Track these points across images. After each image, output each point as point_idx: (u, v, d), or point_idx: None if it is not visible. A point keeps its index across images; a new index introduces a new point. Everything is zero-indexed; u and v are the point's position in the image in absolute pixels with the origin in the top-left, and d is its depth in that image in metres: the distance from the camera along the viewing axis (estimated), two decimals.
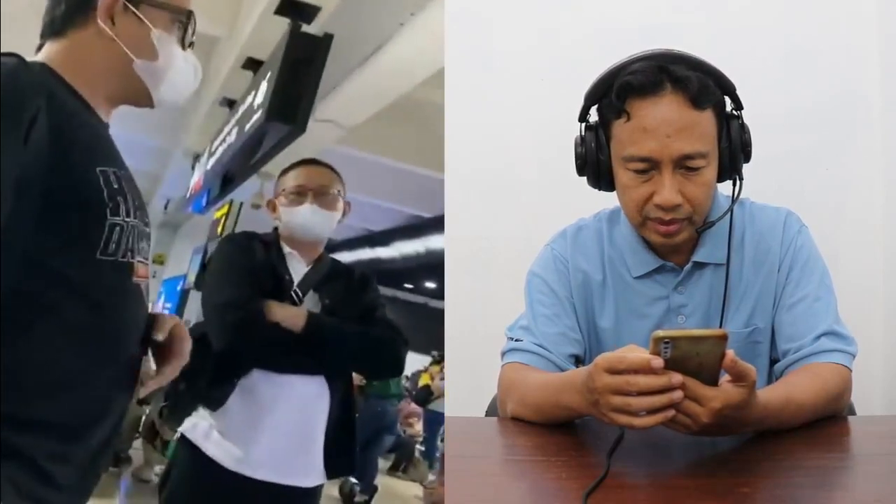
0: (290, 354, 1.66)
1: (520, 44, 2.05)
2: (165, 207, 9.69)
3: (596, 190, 1.35)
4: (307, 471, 1.71)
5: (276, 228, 1.80)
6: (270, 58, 4.19)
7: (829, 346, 1.25)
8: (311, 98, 3.91)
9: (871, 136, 1.96)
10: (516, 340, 1.37)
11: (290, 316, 1.65)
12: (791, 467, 1.03)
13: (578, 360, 1.37)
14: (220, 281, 1.70)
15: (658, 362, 0.95)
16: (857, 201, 1.98)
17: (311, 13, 3.87)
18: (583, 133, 1.31)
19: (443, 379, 6.76)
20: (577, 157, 1.32)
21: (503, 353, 1.39)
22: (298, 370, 1.68)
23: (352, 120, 4.89)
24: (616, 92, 1.23)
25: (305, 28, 3.90)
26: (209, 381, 1.66)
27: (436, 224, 8.64)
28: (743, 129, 1.27)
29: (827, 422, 1.19)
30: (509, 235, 2.03)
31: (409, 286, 12.90)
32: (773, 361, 1.34)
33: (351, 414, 1.81)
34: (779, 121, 1.89)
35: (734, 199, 1.29)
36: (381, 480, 5.68)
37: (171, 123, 7.32)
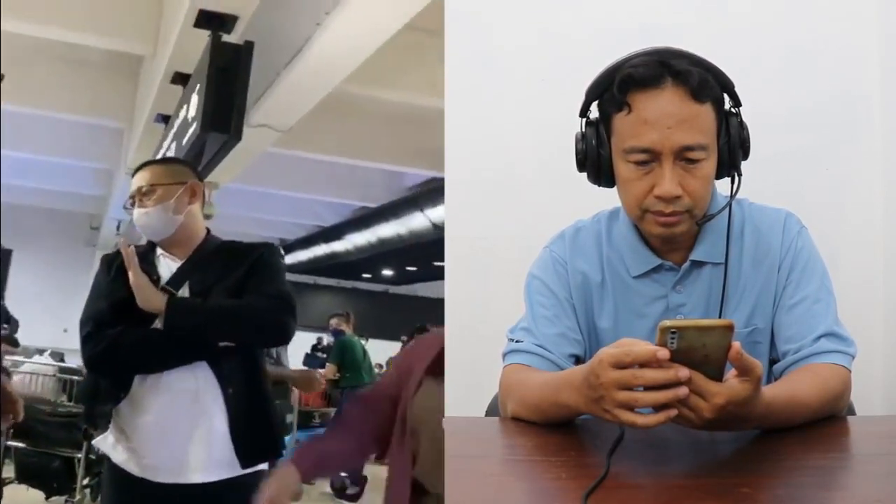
0: (160, 352, 1.69)
1: (520, 44, 2.05)
2: (118, 229, 9.78)
3: (596, 188, 1.35)
4: (208, 466, 1.71)
5: None
6: (197, 70, 4.29)
7: (829, 347, 1.26)
8: (242, 105, 4.04)
9: (871, 136, 1.96)
10: (517, 341, 1.38)
11: (146, 300, 1.67)
12: (791, 467, 1.03)
13: (579, 361, 1.37)
14: (85, 304, 1.77)
15: (664, 353, 0.95)
16: (857, 201, 1.97)
17: (229, 23, 4.02)
18: (583, 129, 1.32)
19: None
20: (578, 152, 1.32)
21: (504, 355, 1.39)
22: (175, 363, 1.70)
23: (285, 122, 5.02)
24: (617, 85, 1.24)
25: (226, 38, 4.02)
26: (94, 401, 1.77)
27: (383, 213, 8.78)
28: (741, 125, 1.28)
29: (827, 422, 1.19)
30: (509, 235, 2.03)
31: (367, 276, 13.03)
32: (773, 362, 1.35)
33: (259, 397, 1.80)
34: (779, 120, 1.89)
35: (733, 195, 1.30)
36: (370, 470, 5.73)
37: (110, 145, 7.40)
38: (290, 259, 12.51)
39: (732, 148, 1.27)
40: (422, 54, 4.76)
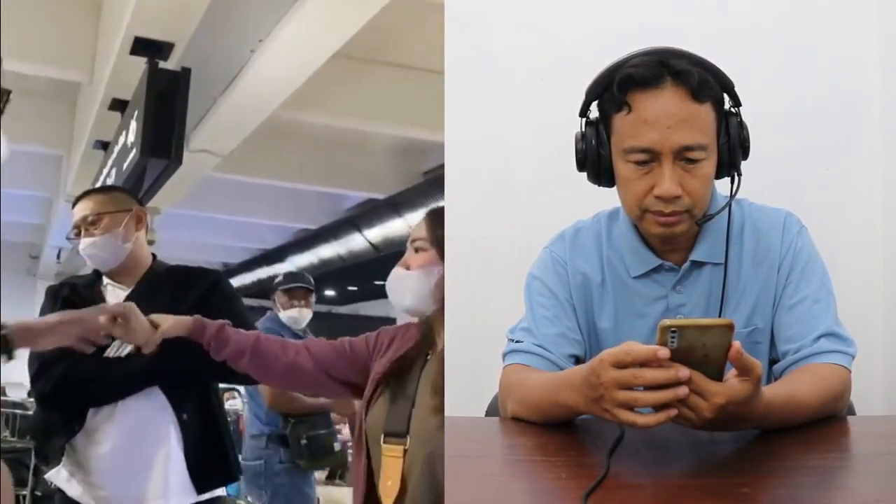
0: (113, 381, 1.66)
1: (520, 44, 2.05)
2: (58, 257, 9.76)
3: (596, 188, 1.36)
4: (165, 493, 1.68)
5: None
6: (134, 96, 4.34)
7: (829, 347, 1.26)
8: (182, 130, 4.08)
9: (871, 136, 1.96)
10: (517, 342, 1.38)
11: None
12: (791, 467, 1.03)
13: (578, 361, 1.37)
14: None
15: (664, 353, 0.95)
16: (857, 201, 1.97)
17: (165, 50, 4.05)
18: (583, 128, 1.32)
19: None
20: (578, 151, 1.32)
21: (504, 355, 1.39)
22: (128, 391, 1.68)
23: (224, 147, 5.13)
24: (617, 84, 1.24)
25: (163, 65, 4.07)
26: (45, 436, 1.73)
27: (323, 234, 8.95)
28: (741, 125, 1.28)
29: (827, 422, 1.19)
30: (509, 235, 2.03)
31: None
32: (773, 362, 1.35)
33: (212, 421, 1.77)
34: (779, 121, 1.89)
35: (732, 195, 1.30)
36: (321, 491, 5.77)
37: (49, 172, 7.41)
38: (234, 282, 12.50)
39: (732, 148, 1.28)
40: (354, 80, 4.90)
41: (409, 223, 6.86)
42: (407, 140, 6.04)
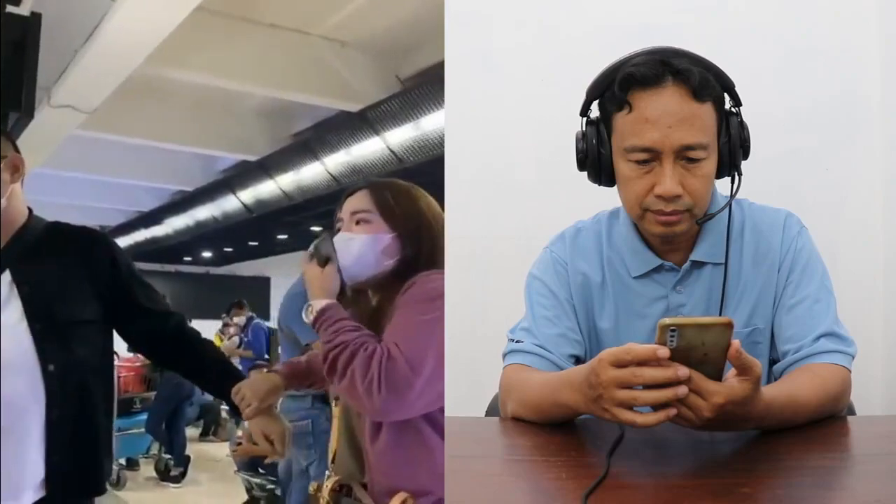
0: None
1: (520, 43, 2.05)
2: None
3: (596, 188, 1.35)
4: (14, 492, 1.41)
5: None
6: None
7: (829, 347, 1.26)
8: (32, 80, 3.79)
9: (871, 136, 1.96)
10: (517, 342, 1.38)
11: None
12: (791, 467, 1.03)
13: (579, 361, 1.37)
14: None
15: (664, 352, 0.95)
16: (857, 201, 1.98)
17: None
18: (584, 128, 1.32)
19: (230, 338, 6.82)
20: (579, 151, 1.32)
21: (504, 355, 1.39)
22: None
23: (89, 103, 4.88)
24: (618, 84, 1.24)
25: (12, 9, 3.79)
26: None
27: (199, 196, 8.96)
28: (742, 125, 1.28)
29: (827, 422, 1.19)
30: (509, 235, 2.03)
31: (188, 259, 13.66)
32: (773, 362, 1.35)
33: (83, 413, 1.49)
34: (779, 121, 1.89)
35: (733, 195, 1.30)
36: (194, 448, 5.83)
37: None
38: None
39: (733, 148, 1.28)
40: (221, 38, 4.76)
41: (279, 185, 6.87)
42: (276, 101, 5.93)
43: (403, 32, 4.99)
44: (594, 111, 1.32)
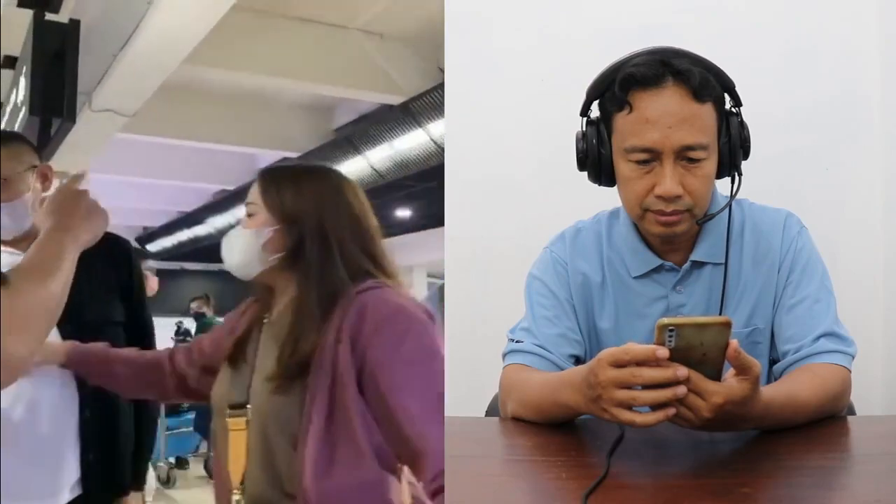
0: None
1: (520, 44, 2.05)
2: None
3: (596, 188, 1.36)
4: (53, 491, 1.44)
5: None
6: (23, 52, 4.09)
7: (829, 346, 1.26)
8: (73, 87, 3.83)
9: (871, 136, 1.96)
10: (517, 342, 1.38)
11: None
12: (791, 467, 1.03)
13: (579, 361, 1.37)
14: None
15: (663, 352, 0.96)
16: (857, 201, 1.97)
17: (55, 2, 3.80)
18: (584, 128, 1.32)
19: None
20: (579, 151, 1.32)
21: (504, 355, 1.39)
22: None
23: (129, 106, 4.89)
24: (619, 84, 1.24)
25: (52, 17, 3.83)
26: None
27: (241, 194, 8.98)
28: (742, 125, 1.28)
29: (827, 422, 1.19)
30: (509, 235, 2.03)
31: None
32: (773, 362, 1.35)
33: (108, 412, 1.53)
34: (779, 120, 1.89)
35: (733, 195, 1.30)
36: None
37: None
38: (154, 247, 12.61)
39: (733, 148, 1.28)
40: (256, 35, 4.75)
41: None
42: (316, 96, 5.89)
43: (443, 22, 5.07)
44: (594, 111, 1.32)
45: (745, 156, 1.30)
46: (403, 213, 7.96)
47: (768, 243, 1.35)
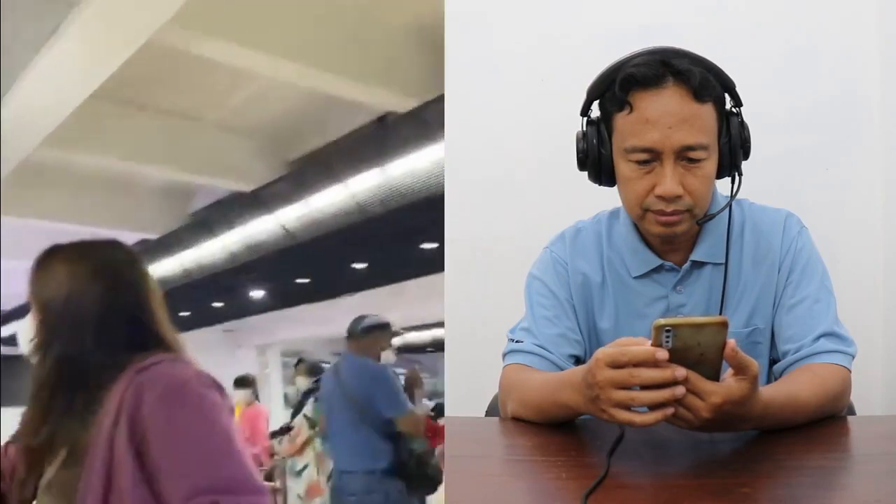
0: None
1: (520, 45, 2.05)
2: None
3: (596, 188, 1.35)
4: None
5: None
6: None
7: (829, 346, 1.26)
8: None
9: (871, 136, 1.96)
10: (517, 342, 1.38)
11: None
12: (791, 467, 1.03)
13: (579, 361, 1.37)
14: None
15: (663, 354, 0.95)
16: (857, 201, 1.98)
17: None
18: (584, 128, 1.32)
19: None
20: (579, 151, 1.32)
21: (504, 355, 1.39)
22: None
23: None
24: (619, 84, 1.24)
25: None
26: None
27: None
28: (742, 125, 1.28)
29: (827, 422, 1.19)
30: (509, 236, 2.03)
31: None
32: (773, 362, 1.35)
33: None
34: (779, 121, 1.89)
35: (733, 195, 1.30)
36: None
37: None
38: (8, 330, 12.29)
39: (733, 148, 1.27)
40: (116, 122, 4.98)
41: (181, 262, 7.12)
42: (172, 182, 6.20)
43: (289, 119, 5.36)
44: (595, 111, 1.32)
45: (746, 156, 1.30)
46: (256, 293, 8.16)
47: (768, 243, 1.35)
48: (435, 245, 6.68)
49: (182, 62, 4.00)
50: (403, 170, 5.03)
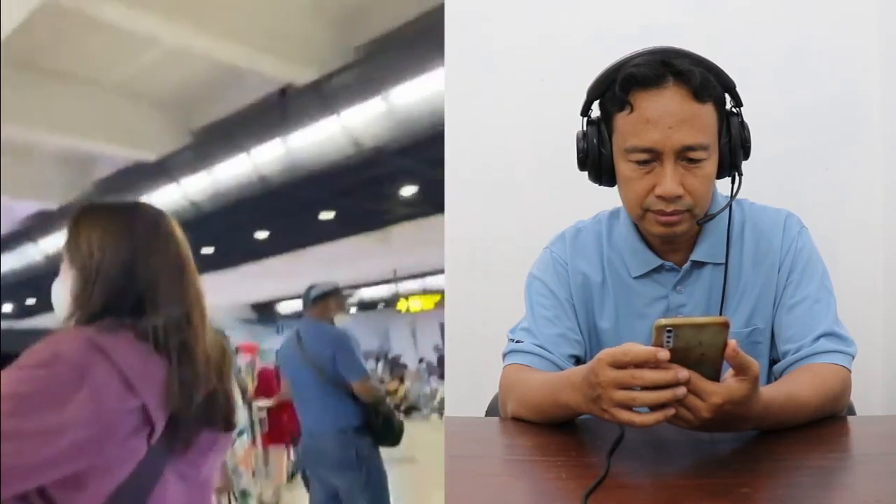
0: None
1: (520, 44, 2.05)
2: None
3: (596, 188, 1.35)
4: None
5: None
6: None
7: (829, 346, 1.26)
8: None
9: (871, 136, 1.96)
10: (517, 342, 1.38)
11: None
12: (791, 467, 1.03)
13: (579, 361, 1.37)
14: None
15: (664, 354, 0.96)
16: (857, 201, 1.98)
17: None
18: (585, 128, 1.32)
19: None
20: (579, 151, 1.32)
21: (504, 355, 1.39)
22: None
23: None
24: (619, 84, 1.24)
25: None
26: None
27: None
28: (742, 125, 1.28)
29: (827, 422, 1.19)
30: (509, 236, 2.03)
31: None
32: (773, 362, 1.35)
33: None
34: (779, 121, 1.89)
35: (733, 195, 1.30)
36: None
37: None
38: None
39: (733, 148, 1.27)
40: (13, 86, 4.77)
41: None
42: (72, 149, 5.98)
43: (192, 88, 5.20)
44: (595, 111, 1.32)
45: (746, 156, 1.30)
46: None
47: (768, 243, 1.35)
48: (332, 214, 6.73)
49: (82, 25, 3.85)
50: (304, 142, 5.00)
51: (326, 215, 6.82)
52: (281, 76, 4.65)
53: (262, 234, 7.59)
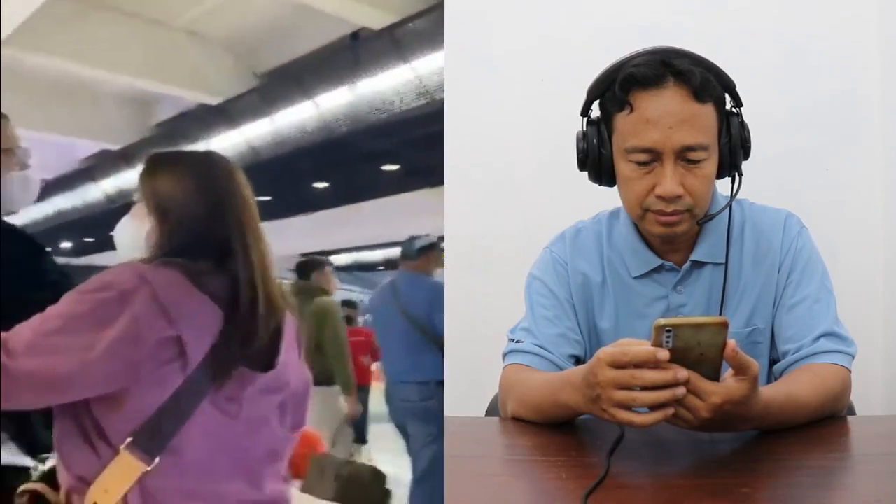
0: None
1: (520, 44, 2.05)
2: None
3: (597, 188, 1.36)
4: None
5: None
6: None
7: (829, 346, 1.26)
8: None
9: (871, 136, 1.96)
10: (517, 342, 1.38)
11: None
12: (791, 467, 1.03)
13: (579, 361, 1.37)
14: None
15: (664, 354, 0.96)
16: (857, 201, 1.97)
17: None
18: (584, 128, 1.32)
19: None
20: (579, 151, 1.32)
21: (504, 355, 1.40)
22: None
23: None
24: (619, 84, 1.24)
25: None
26: None
27: (59, 185, 8.59)
28: (742, 125, 1.28)
29: (827, 422, 1.19)
30: (509, 235, 2.03)
31: (48, 249, 13.00)
32: (773, 362, 1.35)
33: None
34: (779, 121, 1.89)
35: (733, 195, 1.30)
36: None
37: None
38: None
39: (733, 148, 1.28)
40: (78, 24, 4.66)
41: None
42: (138, 90, 5.87)
43: (260, 30, 5.05)
44: (595, 111, 1.32)
45: (746, 156, 1.30)
46: None
47: (768, 243, 1.35)
48: (396, 167, 6.55)
49: None
50: (371, 89, 4.83)
51: (390, 167, 6.57)
52: (354, 19, 4.49)
53: (320, 185, 7.35)
